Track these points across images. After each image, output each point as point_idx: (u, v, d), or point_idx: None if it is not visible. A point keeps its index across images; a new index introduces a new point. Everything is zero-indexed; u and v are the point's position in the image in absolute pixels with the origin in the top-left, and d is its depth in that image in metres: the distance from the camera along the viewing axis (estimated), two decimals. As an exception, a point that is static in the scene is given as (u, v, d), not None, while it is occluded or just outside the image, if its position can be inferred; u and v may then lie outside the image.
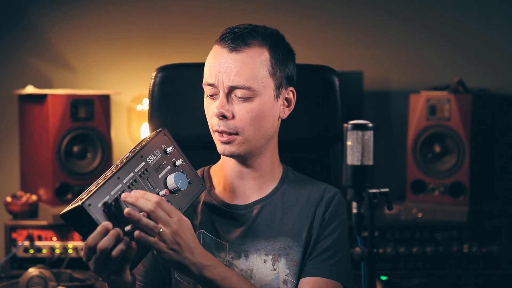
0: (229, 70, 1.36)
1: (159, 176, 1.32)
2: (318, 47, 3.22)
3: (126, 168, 1.27)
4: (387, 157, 3.20)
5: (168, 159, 1.36)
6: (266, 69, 1.39)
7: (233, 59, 1.37)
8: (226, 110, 1.37)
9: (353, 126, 1.12)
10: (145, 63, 3.20)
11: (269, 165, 1.48)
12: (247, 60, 1.37)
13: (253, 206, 1.46)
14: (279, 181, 1.50)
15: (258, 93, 1.38)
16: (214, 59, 1.39)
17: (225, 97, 1.38)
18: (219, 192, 1.49)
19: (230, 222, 1.45)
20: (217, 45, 1.41)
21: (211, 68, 1.39)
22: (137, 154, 1.30)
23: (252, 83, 1.37)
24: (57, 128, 2.64)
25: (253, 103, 1.38)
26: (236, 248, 1.43)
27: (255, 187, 1.48)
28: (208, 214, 1.46)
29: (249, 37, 1.38)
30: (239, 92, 1.37)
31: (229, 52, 1.37)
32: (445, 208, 2.77)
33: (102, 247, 1.17)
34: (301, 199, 1.48)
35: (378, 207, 1.11)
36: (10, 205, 2.73)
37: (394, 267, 2.74)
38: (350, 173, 1.12)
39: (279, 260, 1.42)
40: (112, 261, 1.19)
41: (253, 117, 1.38)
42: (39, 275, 2.35)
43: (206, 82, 1.41)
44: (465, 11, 3.18)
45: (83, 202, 1.17)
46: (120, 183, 1.24)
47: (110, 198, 1.22)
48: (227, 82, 1.37)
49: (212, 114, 1.40)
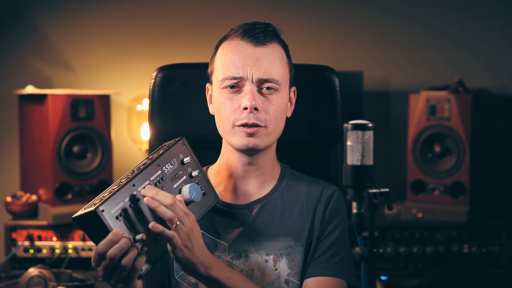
0: (258, 62, 1.37)
1: (174, 186, 1.32)
2: (318, 47, 3.22)
3: (142, 175, 1.26)
4: (387, 157, 3.20)
5: (185, 169, 1.35)
6: (286, 65, 1.43)
7: (261, 53, 1.38)
8: (257, 102, 1.37)
9: (353, 126, 1.12)
10: (145, 63, 3.20)
11: (271, 163, 1.49)
12: (275, 54, 1.40)
13: (253, 205, 1.46)
14: (277, 180, 1.50)
15: (281, 88, 1.41)
16: (237, 53, 1.38)
17: (256, 89, 1.38)
18: (219, 193, 1.48)
19: (229, 222, 1.45)
20: (235, 40, 1.40)
21: (235, 62, 1.38)
22: (154, 162, 1.29)
23: (280, 77, 1.39)
24: (57, 128, 2.64)
25: (277, 97, 1.40)
26: (236, 248, 1.43)
27: (256, 186, 1.48)
28: (208, 214, 1.46)
29: (272, 34, 1.41)
30: (268, 84, 1.38)
31: (255, 46, 1.38)
32: (445, 208, 2.77)
33: (112, 254, 1.16)
34: (300, 197, 1.48)
35: (378, 207, 1.11)
36: (10, 205, 2.73)
37: (394, 267, 2.74)
38: (350, 173, 1.12)
39: (281, 260, 1.42)
40: (121, 269, 1.18)
41: (277, 111, 1.40)
42: (39, 275, 2.35)
43: (230, 76, 1.38)
44: (465, 11, 3.18)
45: (96, 207, 1.16)
46: (135, 191, 1.23)
47: (123, 204, 1.20)
48: (258, 74, 1.37)
49: (236, 107, 1.38)
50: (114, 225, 1.18)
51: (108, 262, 1.17)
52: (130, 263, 1.18)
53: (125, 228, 1.20)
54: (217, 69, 1.42)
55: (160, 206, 1.20)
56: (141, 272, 1.21)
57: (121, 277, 1.19)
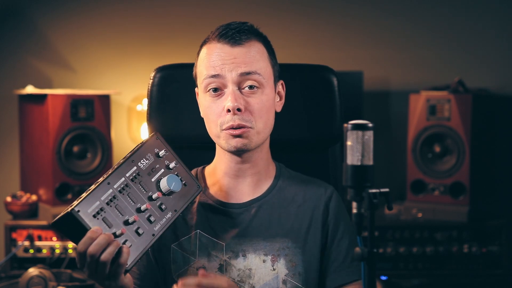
0: (237, 61, 1.37)
1: (152, 179, 1.33)
2: (318, 47, 3.22)
3: (116, 173, 1.27)
4: (387, 157, 3.20)
5: (161, 162, 1.36)
6: (268, 60, 1.42)
7: (238, 52, 1.38)
8: (239, 103, 1.36)
9: (353, 126, 1.12)
10: (145, 63, 3.20)
11: (265, 161, 1.48)
12: (252, 52, 1.39)
13: (250, 205, 1.46)
14: (274, 179, 1.50)
15: (264, 84, 1.40)
16: (217, 55, 1.38)
17: (237, 89, 1.38)
18: (214, 192, 1.49)
19: (227, 221, 1.45)
20: (212, 43, 1.41)
21: (213, 63, 1.38)
22: (128, 159, 1.30)
23: (262, 72, 1.39)
24: (57, 128, 2.64)
25: (261, 94, 1.39)
26: (233, 248, 1.43)
27: (252, 185, 1.47)
28: (204, 213, 1.46)
29: (248, 32, 1.40)
30: (249, 82, 1.38)
31: (232, 46, 1.38)
32: (445, 208, 2.77)
33: (92, 251, 1.17)
34: (297, 197, 1.48)
35: (378, 207, 1.11)
36: (10, 205, 2.73)
37: (394, 267, 2.74)
38: (350, 173, 1.12)
39: (278, 260, 1.42)
40: (102, 265, 1.18)
41: (263, 109, 1.39)
42: (39, 275, 2.35)
43: (208, 74, 1.39)
44: (466, 11, 3.18)
45: (72, 208, 1.18)
46: (111, 188, 1.25)
47: (100, 203, 1.22)
48: (238, 70, 1.37)
49: (220, 110, 1.39)
50: (92, 224, 1.19)
51: (89, 260, 1.18)
52: (110, 257, 1.18)
53: (104, 226, 1.21)
54: (199, 72, 1.43)
55: None
56: (126, 266, 1.22)
57: (105, 273, 1.19)
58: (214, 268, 1.41)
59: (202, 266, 1.41)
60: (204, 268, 1.40)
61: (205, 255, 1.42)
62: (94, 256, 1.17)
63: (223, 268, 1.41)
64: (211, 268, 1.41)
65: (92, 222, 1.20)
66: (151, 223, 1.29)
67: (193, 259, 1.42)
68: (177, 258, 1.43)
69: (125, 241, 1.23)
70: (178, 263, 1.43)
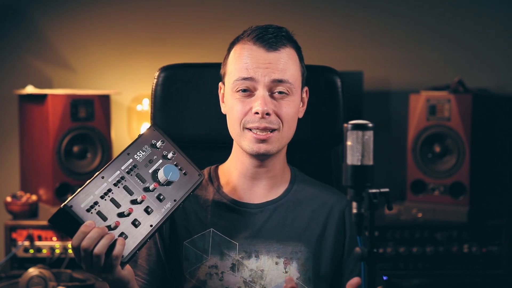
0: (271, 66, 1.37)
1: (150, 171, 1.32)
2: (318, 47, 3.21)
3: (111, 167, 1.27)
4: (387, 157, 3.19)
5: (159, 153, 1.36)
6: (299, 68, 1.44)
7: (273, 57, 1.38)
8: (269, 108, 1.37)
9: (353, 126, 1.12)
10: (145, 63, 3.20)
11: (281, 165, 1.49)
12: (288, 58, 1.40)
13: (266, 206, 1.46)
14: (289, 182, 1.50)
15: (294, 91, 1.41)
16: (251, 57, 1.39)
17: (268, 94, 1.38)
18: (228, 191, 1.48)
19: (241, 221, 1.45)
20: (247, 44, 1.40)
21: (247, 65, 1.38)
22: (123, 153, 1.30)
23: (293, 80, 1.40)
24: (57, 128, 2.64)
25: (290, 101, 1.40)
26: (246, 248, 1.43)
27: (267, 188, 1.48)
28: (218, 212, 1.46)
29: (284, 38, 1.41)
30: (281, 88, 1.38)
31: (267, 51, 1.39)
32: (445, 208, 2.77)
33: (85, 245, 1.17)
34: (312, 203, 1.48)
35: (378, 207, 1.11)
36: (10, 205, 2.73)
37: (394, 267, 2.74)
38: (350, 173, 1.12)
39: (291, 264, 1.43)
40: (97, 258, 1.18)
41: (290, 114, 1.40)
42: (39, 275, 2.35)
43: (241, 76, 1.39)
44: (465, 11, 3.18)
45: (64, 204, 1.18)
46: (105, 182, 1.25)
47: (94, 197, 1.22)
48: (272, 76, 1.37)
49: (247, 110, 1.39)
50: (86, 218, 1.20)
51: (83, 254, 1.18)
52: (103, 250, 1.18)
53: (99, 219, 1.21)
54: (230, 71, 1.43)
55: None
56: (123, 258, 1.22)
57: (100, 266, 1.20)
58: (226, 267, 1.41)
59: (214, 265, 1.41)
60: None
61: (217, 253, 1.42)
62: (87, 250, 1.18)
63: (235, 268, 1.42)
64: (223, 267, 1.41)
65: (86, 216, 1.20)
66: (148, 214, 1.28)
67: (205, 257, 1.42)
68: (189, 255, 1.43)
69: (122, 233, 1.22)
70: (190, 260, 1.43)
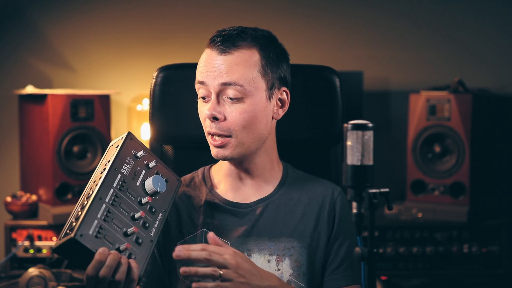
0: (219, 69, 1.36)
1: (137, 184, 1.32)
2: (318, 47, 3.22)
3: (104, 185, 1.25)
4: (387, 157, 3.19)
5: (141, 163, 1.35)
6: (257, 69, 1.39)
7: (222, 61, 1.37)
8: (217, 112, 1.37)
9: (353, 126, 1.12)
10: (145, 63, 3.20)
11: (266, 165, 1.48)
12: (237, 61, 1.37)
13: (256, 205, 1.46)
14: (280, 180, 1.50)
15: (249, 94, 1.38)
16: (204, 61, 1.40)
17: (216, 98, 1.38)
18: (221, 191, 1.49)
19: (233, 220, 1.45)
20: (207, 48, 1.41)
21: (201, 69, 1.40)
22: (111, 168, 1.28)
23: (245, 82, 1.37)
24: (57, 128, 2.64)
25: (244, 104, 1.38)
26: (238, 247, 1.43)
27: (255, 187, 1.48)
28: (210, 212, 1.46)
29: (238, 39, 1.38)
30: (230, 92, 1.37)
31: (219, 54, 1.38)
32: (445, 208, 2.77)
33: (104, 274, 1.16)
34: (303, 198, 1.48)
35: (378, 207, 1.11)
36: (10, 205, 2.73)
37: (394, 267, 2.74)
38: (350, 173, 1.12)
39: (283, 261, 1.42)
40: (117, 284, 1.18)
41: (245, 119, 1.38)
42: (39, 275, 2.35)
43: (197, 80, 1.41)
44: (465, 11, 3.18)
45: (75, 234, 1.15)
46: (104, 203, 1.23)
47: (98, 222, 1.20)
48: (219, 80, 1.36)
49: (204, 116, 1.40)
50: (96, 245, 1.17)
51: (102, 282, 1.17)
52: (124, 276, 1.18)
53: (107, 243, 1.19)
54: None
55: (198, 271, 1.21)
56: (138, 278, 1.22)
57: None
58: None
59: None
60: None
61: None
62: (106, 278, 1.16)
63: None
64: None
65: (96, 243, 1.17)
66: (146, 229, 1.28)
67: None
68: None
69: (129, 254, 1.22)
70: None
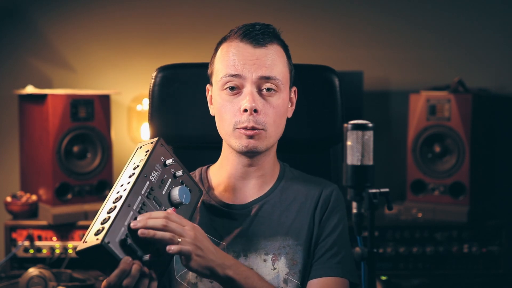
0: (258, 62, 1.37)
1: (163, 192, 1.31)
2: (318, 47, 3.22)
3: (133, 192, 1.23)
4: (387, 157, 3.19)
5: (168, 171, 1.34)
6: (286, 65, 1.43)
7: (260, 53, 1.38)
8: (257, 104, 1.37)
9: (353, 126, 1.12)
10: (145, 63, 3.20)
11: (271, 164, 1.49)
12: (274, 55, 1.40)
13: (251, 205, 1.46)
14: (277, 179, 1.50)
15: (281, 89, 1.40)
16: (238, 54, 1.38)
17: (255, 91, 1.37)
18: (218, 193, 1.49)
19: (228, 222, 1.45)
20: (234, 41, 1.40)
21: (234, 62, 1.38)
22: (141, 174, 1.27)
23: (281, 76, 1.39)
24: (57, 128, 2.64)
25: (277, 98, 1.40)
26: (235, 248, 1.43)
27: (257, 186, 1.48)
28: (207, 214, 1.46)
29: (271, 35, 1.41)
30: (268, 85, 1.38)
31: (254, 47, 1.38)
32: (445, 208, 2.77)
33: (127, 284, 1.17)
34: (299, 196, 1.48)
35: (378, 207, 1.11)
36: (10, 205, 2.73)
37: (394, 267, 2.74)
38: (350, 173, 1.12)
39: (279, 259, 1.42)
40: None
41: (277, 113, 1.39)
42: (39, 275, 2.35)
43: (227, 73, 1.38)
44: (465, 11, 3.18)
45: (102, 240, 1.14)
46: (131, 211, 1.22)
47: (125, 229, 1.19)
48: (258, 73, 1.37)
49: (236, 110, 1.38)
50: (121, 253, 1.17)
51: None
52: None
53: (131, 252, 1.19)
54: (217, 70, 1.42)
55: (156, 234, 1.19)
56: None
57: None
58: None
59: None
60: None
61: None
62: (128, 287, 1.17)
63: None
64: None
65: (121, 251, 1.17)
66: None
67: None
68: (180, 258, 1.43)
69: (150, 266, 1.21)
70: (180, 263, 1.43)
